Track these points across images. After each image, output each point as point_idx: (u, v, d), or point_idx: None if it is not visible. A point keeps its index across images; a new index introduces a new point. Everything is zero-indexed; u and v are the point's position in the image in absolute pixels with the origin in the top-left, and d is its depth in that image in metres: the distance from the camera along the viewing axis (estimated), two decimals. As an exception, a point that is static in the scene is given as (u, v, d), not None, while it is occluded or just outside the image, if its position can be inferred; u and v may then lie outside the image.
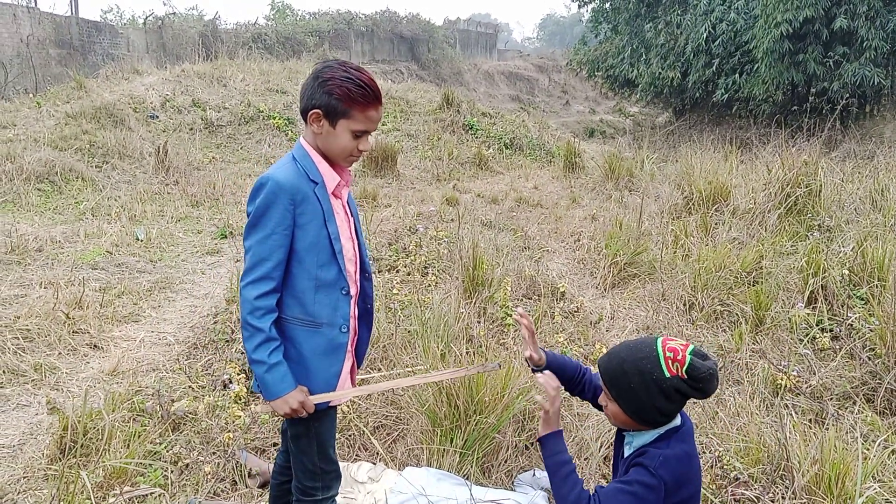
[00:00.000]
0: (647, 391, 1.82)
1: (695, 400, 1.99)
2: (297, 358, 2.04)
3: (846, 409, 3.48)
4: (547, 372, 2.04)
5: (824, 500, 2.51)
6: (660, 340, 1.87)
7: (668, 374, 1.80)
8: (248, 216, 1.99)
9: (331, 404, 2.13)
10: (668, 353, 1.82)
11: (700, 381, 1.80)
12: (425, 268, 5.57)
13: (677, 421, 1.91)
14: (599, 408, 2.24)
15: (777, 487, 2.70)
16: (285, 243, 1.96)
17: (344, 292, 2.08)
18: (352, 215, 2.19)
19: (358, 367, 2.33)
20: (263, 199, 1.94)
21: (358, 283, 2.20)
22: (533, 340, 2.22)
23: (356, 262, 2.17)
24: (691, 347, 1.84)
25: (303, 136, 2.09)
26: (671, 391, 1.81)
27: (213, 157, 10.55)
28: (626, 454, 2.00)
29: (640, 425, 1.91)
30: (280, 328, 2.02)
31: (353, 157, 2.06)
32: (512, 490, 2.90)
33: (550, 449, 1.95)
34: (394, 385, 2.40)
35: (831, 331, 4.22)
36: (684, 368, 1.79)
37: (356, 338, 2.25)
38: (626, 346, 1.95)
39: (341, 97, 1.94)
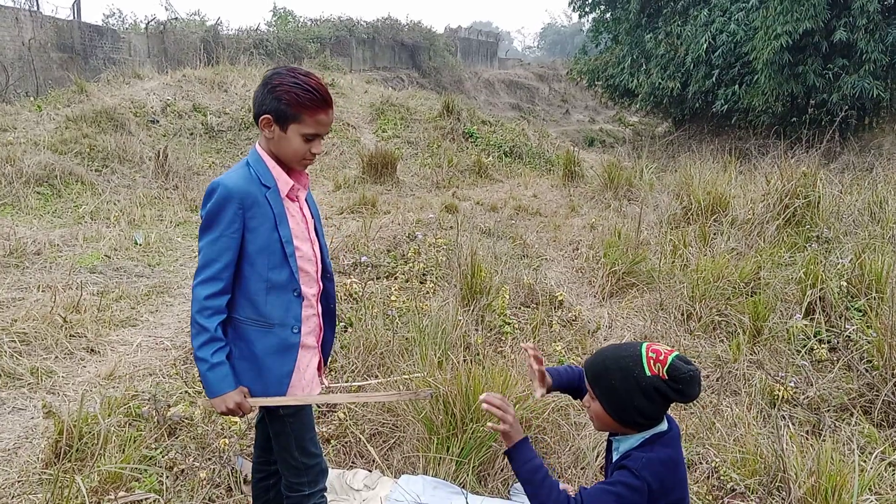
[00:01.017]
0: (627, 389, 1.84)
1: (681, 405, 1.99)
2: (251, 357, 2.09)
3: (843, 420, 3.48)
4: (485, 394, 2.01)
5: (821, 512, 2.51)
6: (645, 344, 1.91)
7: (648, 373, 1.83)
8: (201, 219, 2.05)
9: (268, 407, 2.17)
10: (650, 354, 1.85)
11: (680, 381, 1.81)
12: (424, 275, 5.57)
13: (664, 426, 1.92)
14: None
15: (773, 499, 2.70)
16: (234, 246, 2.02)
17: (296, 294, 2.12)
18: (311, 217, 2.24)
19: (324, 365, 2.39)
20: (213, 203, 2.00)
21: (320, 284, 2.25)
22: (541, 378, 2.19)
23: (317, 263, 2.22)
24: (675, 353, 1.87)
25: (257, 142, 2.14)
26: (650, 390, 1.82)
27: (213, 163, 10.56)
28: (614, 460, 2.00)
29: (622, 427, 1.92)
30: (234, 328, 2.09)
31: (306, 160, 2.11)
32: (508, 499, 2.89)
33: (520, 459, 1.93)
34: (328, 400, 2.46)
35: (829, 342, 4.22)
36: (665, 368, 1.82)
37: (322, 336, 2.31)
38: (612, 347, 1.99)
39: (290, 102, 1.99)
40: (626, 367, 1.86)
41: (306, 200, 2.24)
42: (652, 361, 1.84)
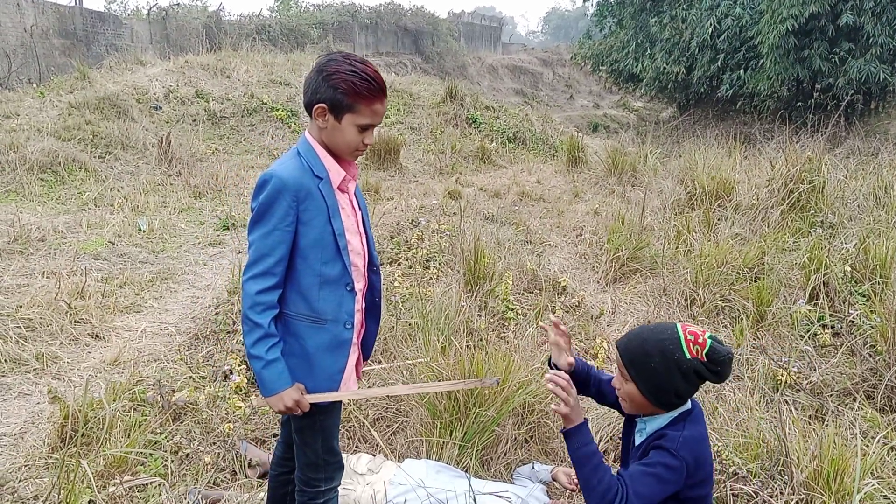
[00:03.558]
0: (667, 371, 1.88)
1: (711, 384, 2.03)
2: (302, 353, 2.04)
3: (846, 405, 3.48)
4: (551, 372, 2.04)
5: (823, 495, 2.51)
6: (679, 325, 1.93)
7: (688, 356, 1.86)
8: (251, 211, 1.99)
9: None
10: (688, 336, 1.89)
11: (718, 364, 1.87)
12: (427, 261, 5.57)
13: (688, 405, 1.97)
14: (603, 402, 2.24)
15: (776, 483, 2.70)
16: (287, 239, 1.95)
17: (348, 288, 2.07)
18: (359, 209, 2.18)
19: (364, 360, 2.33)
20: (266, 195, 1.93)
21: (366, 277, 2.19)
22: (569, 346, 2.21)
23: (364, 257, 2.16)
24: (709, 333, 1.91)
25: (307, 130, 2.07)
26: (690, 373, 1.87)
27: (216, 149, 10.55)
28: (637, 442, 2.03)
29: (654, 407, 1.95)
30: (285, 324, 2.03)
31: (358, 151, 2.04)
32: (511, 483, 2.90)
33: (576, 442, 1.96)
34: (390, 392, 2.43)
35: (832, 327, 4.21)
36: (704, 351, 1.86)
37: (363, 331, 2.26)
38: (647, 328, 2.00)
39: (347, 91, 1.91)
40: (665, 350, 1.88)
41: (354, 192, 2.17)
42: (691, 344, 1.87)
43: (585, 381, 2.25)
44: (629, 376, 1.95)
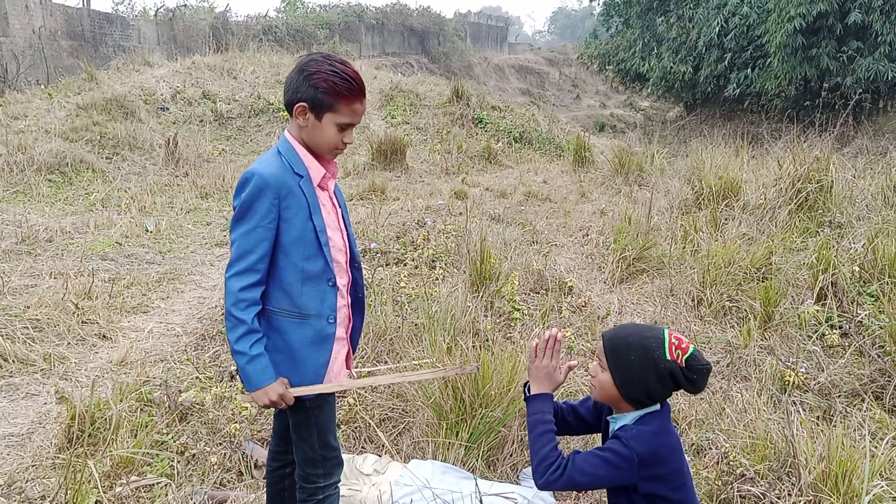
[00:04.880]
0: (644, 367, 1.91)
1: (686, 393, 2.04)
2: (286, 349, 2.07)
3: (854, 406, 3.46)
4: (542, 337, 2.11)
5: (831, 497, 2.50)
6: (667, 329, 1.97)
7: (668, 357, 1.89)
8: (233, 209, 2.03)
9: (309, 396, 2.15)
10: (673, 340, 1.92)
11: (695, 371, 1.90)
12: (433, 261, 5.56)
13: (657, 406, 1.99)
14: (577, 427, 2.22)
15: (783, 484, 2.69)
16: (269, 236, 1.99)
17: (331, 284, 2.10)
18: (339, 206, 2.22)
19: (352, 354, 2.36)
20: (248, 193, 1.97)
21: (349, 273, 2.23)
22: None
23: (346, 252, 2.20)
24: (694, 346, 1.94)
25: (287, 129, 2.11)
26: (665, 374, 1.90)
27: (223, 150, 10.57)
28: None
29: (623, 401, 1.98)
30: (268, 320, 2.06)
31: (337, 149, 2.09)
32: (517, 484, 2.90)
33: (534, 408, 2.04)
34: (373, 383, 2.44)
35: (841, 328, 4.19)
36: (685, 356, 1.90)
37: (350, 326, 2.29)
38: (636, 325, 2.09)
39: (327, 91, 1.96)
40: (647, 347, 1.92)
41: (334, 190, 2.21)
42: (673, 347, 1.90)
43: (562, 417, 2.24)
44: (607, 365, 1.98)
